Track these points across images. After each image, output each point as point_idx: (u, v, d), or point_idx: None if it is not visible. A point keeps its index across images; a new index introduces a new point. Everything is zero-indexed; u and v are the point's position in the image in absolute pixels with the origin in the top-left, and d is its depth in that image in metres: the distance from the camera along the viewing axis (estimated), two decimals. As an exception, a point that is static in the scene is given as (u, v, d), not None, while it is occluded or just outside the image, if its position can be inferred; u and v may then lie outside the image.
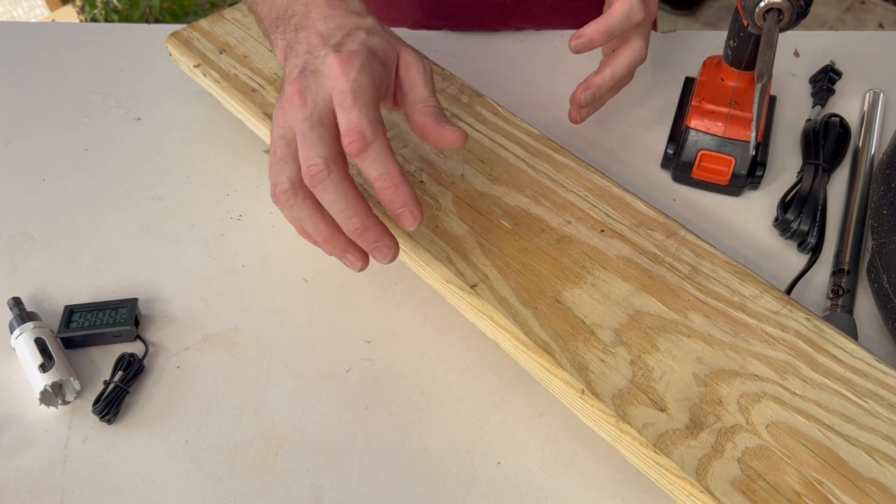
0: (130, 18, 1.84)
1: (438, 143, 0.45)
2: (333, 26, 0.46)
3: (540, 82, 0.71)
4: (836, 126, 0.63)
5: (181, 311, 0.55)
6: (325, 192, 0.42)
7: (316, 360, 0.52)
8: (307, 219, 0.44)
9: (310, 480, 0.46)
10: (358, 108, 0.42)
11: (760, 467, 0.39)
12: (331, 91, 0.42)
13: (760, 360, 0.44)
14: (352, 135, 0.41)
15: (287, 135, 0.44)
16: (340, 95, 0.42)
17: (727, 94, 0.59)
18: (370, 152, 0.41)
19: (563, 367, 0.43)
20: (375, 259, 0.44)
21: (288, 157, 0.43)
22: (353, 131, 0.41)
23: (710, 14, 2.31)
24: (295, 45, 0.47)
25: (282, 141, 0.44)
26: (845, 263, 0.55)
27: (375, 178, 0.42)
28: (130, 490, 0.46)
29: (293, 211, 0.44)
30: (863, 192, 0.59)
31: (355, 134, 0.41)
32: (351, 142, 0.41)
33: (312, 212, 0.43)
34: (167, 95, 0.71)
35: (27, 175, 0.64)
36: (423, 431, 0.49)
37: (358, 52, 0.44)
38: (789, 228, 0.57)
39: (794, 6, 0.51)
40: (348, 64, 0.42)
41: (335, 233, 0.44)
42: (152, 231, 0.60)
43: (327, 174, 0.41)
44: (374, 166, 0.42)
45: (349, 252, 0.45)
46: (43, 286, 0.56)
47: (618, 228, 0.51)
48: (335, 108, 0.42)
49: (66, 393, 0.50)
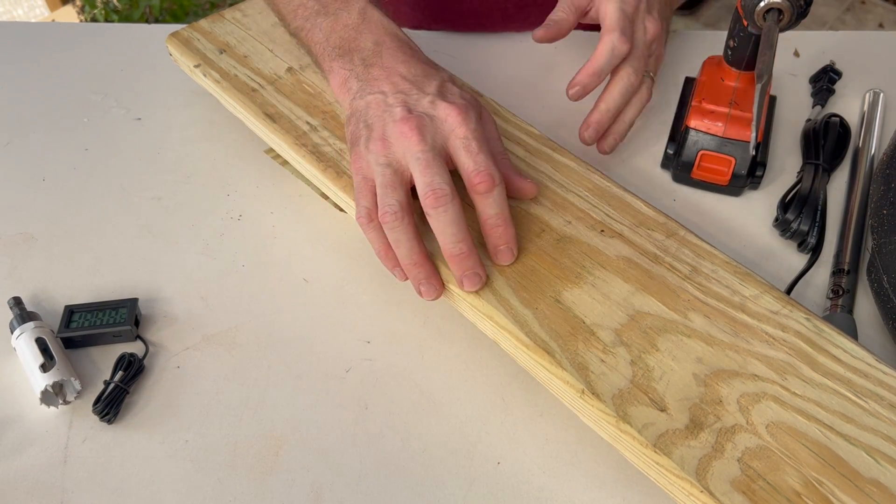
0: (130, 18, 1.84)
1: (517, 195, 0.52)
2: (417, 72, 0.51)
3: (540, 82, 0.71)
4: (836, 126, 0.63)
5: (181, 311, 0.55)
6: (445, 215, 0.46)
7: (316, 360, 0.52)
8: (406, 241, 0.47)
9: (310, 480, 0.46)
10: (483, 153, 0.47)
11: (760, 467, 0.39)
12: (448, 135, 0.48)
13: (760, 360, 0.44)
14: (482, 175, 0.46)
15: (394, 164, 0.47)
16: (465, 140, 0.47)
17: (727, 94, 0.59)
18: (494, 193, 0.47)
19: (563, 367, 0.43)
20: (463, 287, 0.47)
21: (397, 183, 0.47)
22: (484, 173, 0.46)
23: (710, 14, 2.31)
24: (370, 81, 0.51)
25: (388, 169, 0.47)
26: (845, 263, 0.55)
27: (491, 216, 0.47)
28: (130, 490, 0.46)
29: (395, 232, 0.47)
30: (863, 192, 0.59)
31: (485, 175, 0.46)
32: (481, 181, 0.46)
33: (412, 235, 0.47)
34: (167, 95, 0.71)
35: (27, 175, 0.64)
36: (423, 431, 0.49)
37: (471, 105, 0.49)
38: (789, 228, 0.57)
39: (794, 6, 0.51)
40: (466, 114, 0.48)
41: (425, 259, 0.48)
42: (152, 231, 0.60)
43: (451, 199, 0.45)
44: (493, 206, 0.47)
45: (432, 279, 0.48)
46: (43, 286, 0.56)
47: (618, 228, 0.51)
48: (456, 150, 0.47)
49: (66, 393, 0.50)
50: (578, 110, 0.66)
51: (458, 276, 0.47)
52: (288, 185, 0.62)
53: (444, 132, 0.48)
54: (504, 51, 0.75)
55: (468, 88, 0.53)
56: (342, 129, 0.57)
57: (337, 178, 0.54)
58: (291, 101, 0.59)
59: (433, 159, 0.46)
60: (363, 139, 0.49)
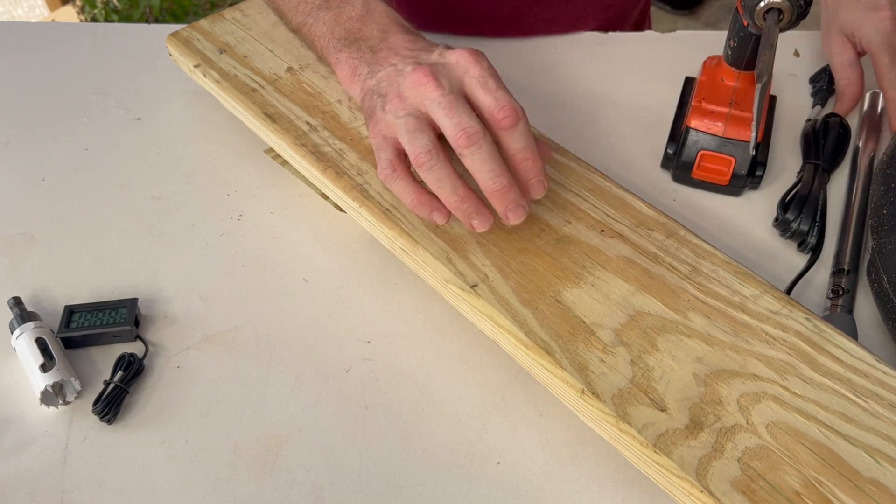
0: (130, 18, 1.84)
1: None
2: (419, 48, 0.51)
3: (540, 83, 0.71)
4: (836, 126, 0.63)
5: (181, 311, 0.55)
6: (480, 152, 0.45)
7: (316, 360, 0.52)
8: (447, 178, 0.47)
9: (310, 480, 0.46)
10: (502, 88, 0.47)
11: (760, 467, 0.39)
12: (463, 76, 0.47)
13: (760, 360, 0.44)
14: (506, 110, 0.46)
15: (415, 112, 0.47)
16: (481, 79, 0.47)
17: (727, 94, 0.59)
18: (519, 127, 0.46)
19: (563, 367, 0.43)
20: (509, 220, 0.47)
21: (423, 126, 0.47)
22: (507, 107, 0.46)
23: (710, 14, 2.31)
24: (378, 62, 0.51)
25: (410, 118, 0.47)
26: (845, 263, 0.55)
27: (518, 150, 0.47)
28: (130, 490, 0.46)
29: (434, 172, 0.46)
30: (863, 192, 0.59)
31: (509, 110, 0.46)
32: (505, 116, 0.46)
33: (451, 171, 0.47)
34: (167, 95, 0.71)
35: (27, 175, 0.64)
36: (423, 431, 0.49)
37: (480, 52, 0.49)
38: (789, 228, 0.57)
39: (795, 6, 0.51)
40: (477, 55, 0.48)
41: (470, 191, 0.47)
42: (152, 231, 0.60)
43: (483, 135, 0.45)
44: (520, 139, 0.47)
45: (482, 210, 0.47)
46: (43, 286, 0.56)
47: (618, 228, 0.51)
48: (474, 90, 0.47)
49: (66, 393, 0.50)
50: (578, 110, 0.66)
51: (502, 212, 0.47)
52: (288, 185, 0.62)
53: (458, 74, 0.47)
54: (502, 55, 0.75)
55: None
56: (342, 129, 0.57)
57: (337, 178, 0.54)
58: (291, 101, 0.59)
59: (455, 100, 0.46)
60: (378, 107, 0.49)
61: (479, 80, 0.47)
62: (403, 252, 0.51)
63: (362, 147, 0.56)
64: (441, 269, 0.49)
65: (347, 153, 0.55)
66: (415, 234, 0.50)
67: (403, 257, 0.52)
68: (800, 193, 0.58)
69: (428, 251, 0.49)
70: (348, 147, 0.56)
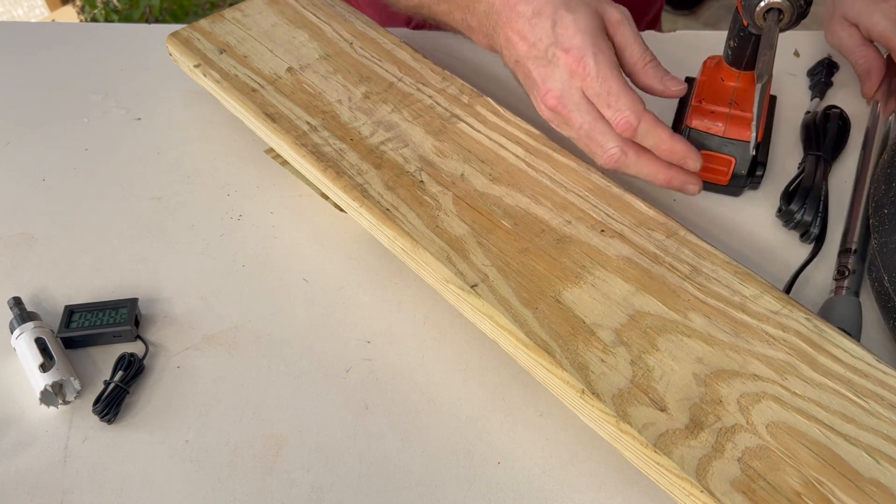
0: (130, 18, 1.84)
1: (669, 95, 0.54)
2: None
3: (540, 82, 0.71)
4: (837, 118, 0.64)
5: (181, 311, 0.55)
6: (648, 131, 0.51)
7: (316, 360, 0.52)
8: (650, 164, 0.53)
9: (310, 480, 0.46)
10: (613, 94, 0.51)
11: (760, 467, 0.39)
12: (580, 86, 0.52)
13: (760, 360, 0.44)
14: (621, 126, 0.51)
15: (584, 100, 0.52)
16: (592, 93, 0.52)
17: (727, 94, 0.59)
18: (640, 129, 0.51)
19: (564, 367, 0.43)
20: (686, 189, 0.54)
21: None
22: (622, 123, 0.51)
23: (710, 14, 2.31)
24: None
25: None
26: (853, 242, 0.55)
27: (650, 147, 0.53)
28: (130, 490, 0.46)
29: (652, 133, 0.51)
30: (873, 172, 0.59)
31: (623, 123, 0.51)
32: (623, 131, 0.51)
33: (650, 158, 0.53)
34: (167, 95, 0.71)
35: (27, 175, 0.64)
36: (423, 431, 0.49)
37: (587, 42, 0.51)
38: (793, 219, 0.57)
39: (795, 6, 0.51)
40: (580, 61, 0.51)
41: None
42: (152, 231, 0.60)
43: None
44: (647, 140, 0.52)
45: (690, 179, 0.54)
46: (43, 286, 0.56)
47: (618, 228, 0.51)
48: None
49: (66, 393, 0.50)
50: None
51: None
52: (288, 185, 0.62)
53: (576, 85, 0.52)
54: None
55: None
56: (342, 129, 0.57)
57: (337, 178, 0.54)
58: (291, 101, 0.59)
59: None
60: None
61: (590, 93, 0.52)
62: (403, 252, 0.51)
63: (362, 147, 0.56)
64: (441, 269, 0.49)
65: (347, 153, 0.55)
66: (415, 234, 0.50)
67: (403, 257, 0.52)
68: (803, 184, 0.58)
69: (428, 251, 0.49)
70: (348, 147, 0.56)
